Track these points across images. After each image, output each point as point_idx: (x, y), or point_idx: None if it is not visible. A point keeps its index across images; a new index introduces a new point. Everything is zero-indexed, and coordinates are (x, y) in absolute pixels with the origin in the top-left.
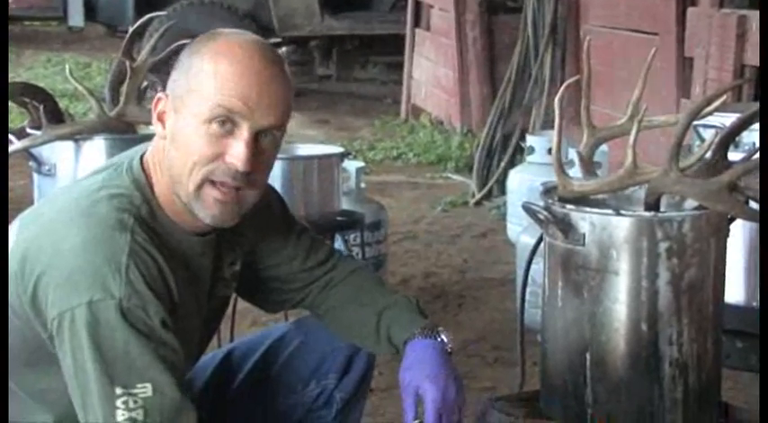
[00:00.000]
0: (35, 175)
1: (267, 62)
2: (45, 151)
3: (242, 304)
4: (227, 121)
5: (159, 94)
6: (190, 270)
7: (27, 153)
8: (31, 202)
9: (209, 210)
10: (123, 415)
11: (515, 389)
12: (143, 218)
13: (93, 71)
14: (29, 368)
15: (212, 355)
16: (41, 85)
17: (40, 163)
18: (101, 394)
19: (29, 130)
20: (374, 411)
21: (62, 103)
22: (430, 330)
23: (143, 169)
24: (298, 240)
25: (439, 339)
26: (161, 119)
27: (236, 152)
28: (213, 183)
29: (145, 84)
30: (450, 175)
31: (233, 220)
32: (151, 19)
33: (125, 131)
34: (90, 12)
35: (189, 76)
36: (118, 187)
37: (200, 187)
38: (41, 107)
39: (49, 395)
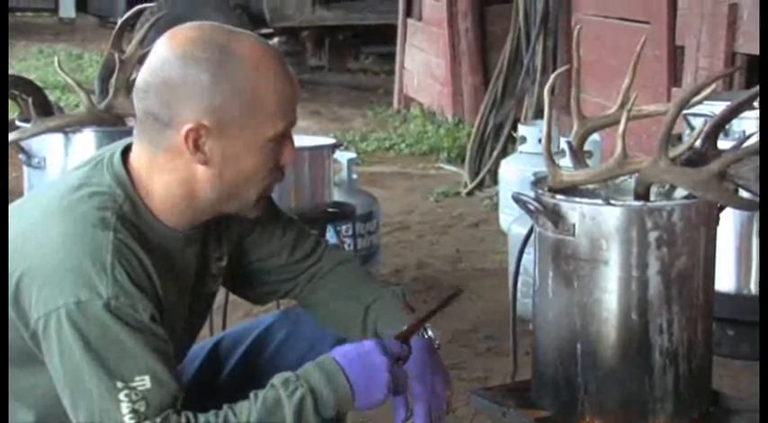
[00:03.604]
0: (25, 168)
1: (286, 63)
2: (34, 144)
3: (234, 295)
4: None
5: (190, 126)
6: (173, 265)
7: (17, 146)
8: (22, 195)
9: (261, 209)
10: (128, 407)
11: (508, 378)
12: (125, 215)
13: (84, 63)
14: (16, 367)
15: (201, 345)
16: (33, 76)
17: (29, 156)
18: (102, 391)
19: (18, 123)
20: None
21: (54, 95)
22: None
23: (125, 166)
24: (284, 232)
25: (426, 336)
26: (198, 146)
27: (290, 153)
28: None
29: (134, 76)
30: (442, 165)
31: None
32: (141, 10)
33: (114, 124)
34: (81, 3)
35: (232, 97)
36: (99, 185)
37: (261, 196)
38: (30, 100)
39: (35, 391)
